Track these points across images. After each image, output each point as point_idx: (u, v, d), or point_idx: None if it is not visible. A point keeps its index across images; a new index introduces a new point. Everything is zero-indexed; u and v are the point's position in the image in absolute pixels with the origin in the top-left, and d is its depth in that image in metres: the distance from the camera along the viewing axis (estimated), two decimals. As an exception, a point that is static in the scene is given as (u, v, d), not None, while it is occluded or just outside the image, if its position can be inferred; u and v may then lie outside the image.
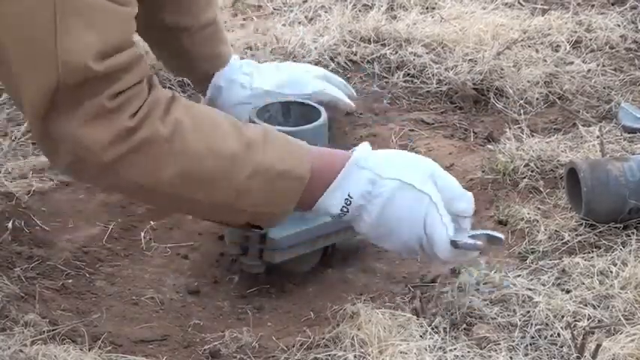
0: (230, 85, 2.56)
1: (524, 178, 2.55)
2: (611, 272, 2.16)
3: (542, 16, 3.36)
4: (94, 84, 1.78)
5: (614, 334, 1.99)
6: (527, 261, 2.27)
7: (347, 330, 2.02)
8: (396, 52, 3.15)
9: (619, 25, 3.31)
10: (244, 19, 3.40)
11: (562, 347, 1.98)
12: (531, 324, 2.03)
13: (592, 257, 2.22)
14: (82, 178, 2.04)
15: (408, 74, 3.10)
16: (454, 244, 2.02)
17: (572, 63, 3.11)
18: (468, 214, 2.06)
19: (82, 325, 2.13)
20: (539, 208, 2.44)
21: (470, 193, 2.07)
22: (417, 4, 3.44)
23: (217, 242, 2.45)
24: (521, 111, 2.92)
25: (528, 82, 3.00)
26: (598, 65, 3.11)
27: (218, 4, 2.46)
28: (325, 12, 3.37)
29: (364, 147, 2.02)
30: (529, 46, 3.18)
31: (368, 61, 3.12)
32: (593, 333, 1.99)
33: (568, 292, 2.13)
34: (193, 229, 2.50)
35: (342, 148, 2.06)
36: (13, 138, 2.73)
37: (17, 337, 2.02)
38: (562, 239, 2.31)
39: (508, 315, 2.07)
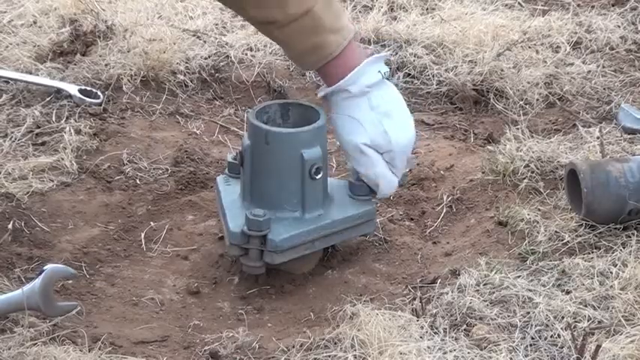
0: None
1: (525, 179, 2.55)
2: (611, 273, 2.16)
3: (543, 17, 3.36)
4: None
5: (614, 335, 1.99)
6: (528, 262, 2.27)
7: (347, 331, 2.02)
8: (396, 53, 3.15)
9: (619, 26, 3.31)
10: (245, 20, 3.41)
11: (562, 348, 1.98)
12: (531, 325, 2.03)
13: (592, 258, 2.22)
14: None
15: (409, 75, 3.10)
16: None
17: (572, 64, 3.12)
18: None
19: (82, 326, 2.13)
20: (539, 209, 2.44)
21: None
22: (417, 5, 3.45)
23: (217, 243, 2.45)
24: (521, 112, 2.92)
25: (528, 83, 3.00)
26: (598, 66, 3.11)
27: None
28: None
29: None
30: (529, 47, 3.18)
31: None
32: (593, 334, 1.99)
33: (568, 292, 2.13)
34: (193, 230, 2.50)
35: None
36: (13, 139, 2.73)
37: (17, 338, 2.03)
38: (562, 240, 2.31)
39: (508, 316, 2.07)
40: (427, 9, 3.44)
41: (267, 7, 2.25)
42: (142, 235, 2.48)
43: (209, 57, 3.13)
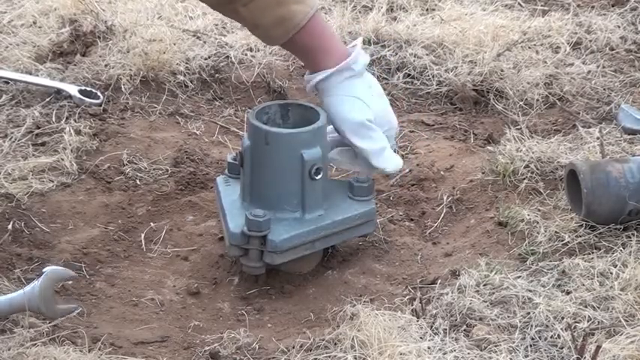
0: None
1: (524, 179, 2.55)
2: (611, 273, 2.16)
3: (542, 17, 3.36)
4: None
5: (614, 336, 1.99)
6: (528, 262, 2.27)
7: (347, 331, 2.02)
8: (396, 54, 3.15)
9: (619, 27, 3.31)
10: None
11: (562, 349, 1.98)
12: (531, 325, 2.03)
13: (592, 258, 2.22)
14: None
15: (408, 75, 3.10)
16: None
17: (572, 64, 3.11)
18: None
19: (82, 326, 2.13)
20: (539, 210, 2.44)
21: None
22: (416, 5, 3.45)
23: (217, 244, 2.45)
24: (521, 112, 2.92)
25: (528, 83, 3.00)
26: (598, 67, 3.11)
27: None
28: (325, 13, 3.37)
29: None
30: (529, 48, 3.18)
31: (368, 63, 3.12)
32: (593, 334, 1.99)
33: (568, 293, 2.13)
34: (193, 230, 2.50)
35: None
36: (12, 139, 2.73)
37: (17, 339, 2.03)
38: (562, 240, 2.31)
39: (508, 316, 2.07)
40: (427, 9, 3.44)
41: None
42: (142, 235, 2.48)
43: (209, 57, 3.12)
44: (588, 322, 2.03)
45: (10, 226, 2.41)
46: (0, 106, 2.90)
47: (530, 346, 1.99)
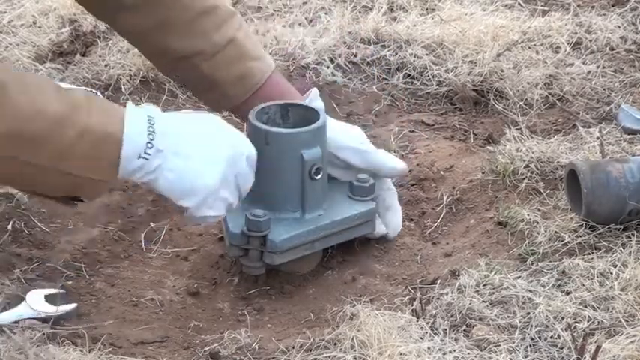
0: None
1: (524, 179, 2.54)
2: (611, 273, 2.16)
3: (542, 17, 3.36)
4: None
5: (613, 336, 1.99)
6: (527, 262, 2.26)
7: (347, 331, 2.02)
8: (396, 54, 3.15)
9: (619, 27, 3.31)
10: (244, 21, 3.40)
11: (562, 349, 1.98)
12: (531, 325, 2.03)
13: (592, 258, 2.22)
14: None
15: (408, 75, 3.10)
16: None
17: (572, 64, 3.11)
18: None
19: (82, 326, 2.13)
20: (539, 210, 2.44)
21: None
22: (416, 5, 3.45)
23: (217, 244, 2.45)
24: (521, 112, 2.92)
25: (528, 83, 3.00)
26: (598, 67, 3.10)
27: (237, 23, 2.31)
28: (325, 13, 3.37)
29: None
30: (529, 48, 3.18)
31: (368, 63, 3.12)
32: (593, 334, 1.99)
33: (568, 293, 2.13)
34: (193, 230, 2.50)
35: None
36: (13, 139, 2.73)
37: (17, 339, 2.02)
38: (562, 240, 2.31)
39: (508, 316, 2.07)
40: (427, 9, 3.43)
41: (192, 37, 2.24)
42: (142, 235, 2.48)
43: (209, 57, 3.12)
44: (588, 322, 2.03)
45: (10, 226, 2.41)
46: (0, 106, 2.89)
47: (530, 346, 1.99)
